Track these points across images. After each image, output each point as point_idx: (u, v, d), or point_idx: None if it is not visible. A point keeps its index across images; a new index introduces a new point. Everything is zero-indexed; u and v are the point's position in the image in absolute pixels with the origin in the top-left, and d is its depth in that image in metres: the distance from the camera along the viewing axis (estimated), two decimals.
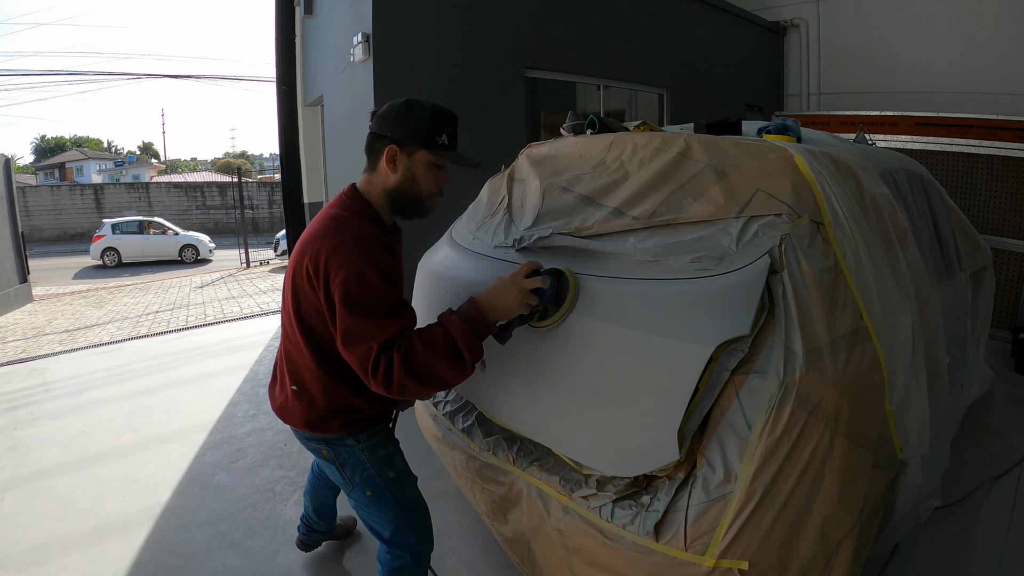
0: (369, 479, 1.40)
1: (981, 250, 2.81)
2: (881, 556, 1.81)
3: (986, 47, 5.71)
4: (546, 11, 4.49)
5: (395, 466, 1.44)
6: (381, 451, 1.42)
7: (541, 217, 1.75)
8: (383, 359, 1.13)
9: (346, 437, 1.37)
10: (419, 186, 1.31)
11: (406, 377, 1.13)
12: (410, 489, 1.48)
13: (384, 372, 1.13)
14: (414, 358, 1.14)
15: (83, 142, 43.37)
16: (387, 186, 1.31)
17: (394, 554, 1.45)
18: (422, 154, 1.28)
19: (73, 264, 14.98)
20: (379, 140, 1.30)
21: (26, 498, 2.46)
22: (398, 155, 1.28)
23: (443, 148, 1.29)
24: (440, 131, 1.28)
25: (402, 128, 1.27)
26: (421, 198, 1.33)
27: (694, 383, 1.16)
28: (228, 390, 3.69)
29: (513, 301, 1.25)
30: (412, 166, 1.29)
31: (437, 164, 1.31)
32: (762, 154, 1.45)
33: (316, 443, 1.40)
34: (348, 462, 1.40)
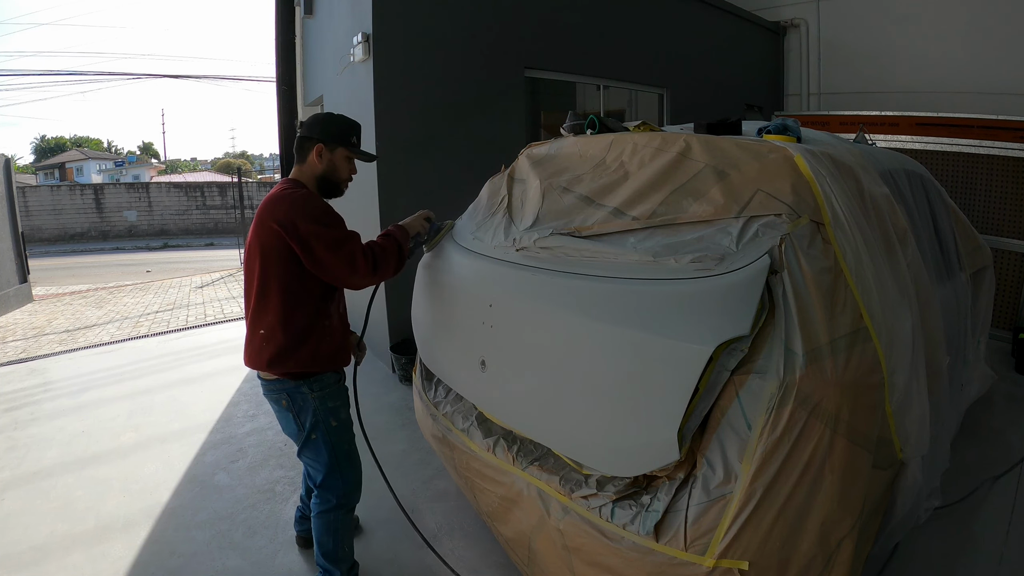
0: (315, 424, 1.69)
1: (981, 250, 2.81)
2: (881, 556, 1.81)
3: (986, 47, 5.71)
4: (546, 11, 4.49)
5: (339, 417, 1.73)
6: (330, 402, 1.70)
7: (541, 217, 1.75)
8: (368, 253, 1.62)
9: (303, 384, 1.66)
10: (338, 174, 1.75)
11: (380, 262, 1.64)
12: (347, 441, 1.76)
13: (371, 260, 1.62)
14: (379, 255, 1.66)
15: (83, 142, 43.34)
16: (315, 174, 1.72)
17: (323, 497, 1.73)
18: (341, 150, 1.72)
19: (73, 264, 14.98)
20: (308, 141, 1.71)
21: (26, 498, 2.46)
22: (323, 151, 1.70)
23: (354, 146, 1.75)
24: (352, 135, 1.74)
25: (326, 132, 1.71)
26: (339, 182, 1.77)
27: (694, 383, 1.16)
28: (228, 390, 3.69)
29: (418, 224, 1.92)
30: (334, 159, 1.72)
31: (350, 158, 1.76)
32: (762, 154, 1.45)
33: (277, 392, 1.68)
34: (302, 409, 1.68)
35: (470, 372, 1.74)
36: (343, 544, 1.76)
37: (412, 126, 3.77)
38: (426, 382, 2.15)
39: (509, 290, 1.65)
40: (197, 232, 21.55)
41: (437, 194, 3.80)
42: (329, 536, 1.73)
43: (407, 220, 1.90)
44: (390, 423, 3.08)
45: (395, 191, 3.74)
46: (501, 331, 1.63)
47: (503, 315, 1.63)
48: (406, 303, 2.37)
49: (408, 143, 3.79)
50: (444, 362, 2.01)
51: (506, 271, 1.70)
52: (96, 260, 15.42)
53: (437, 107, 3.91)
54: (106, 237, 20.64)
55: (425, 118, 3.86)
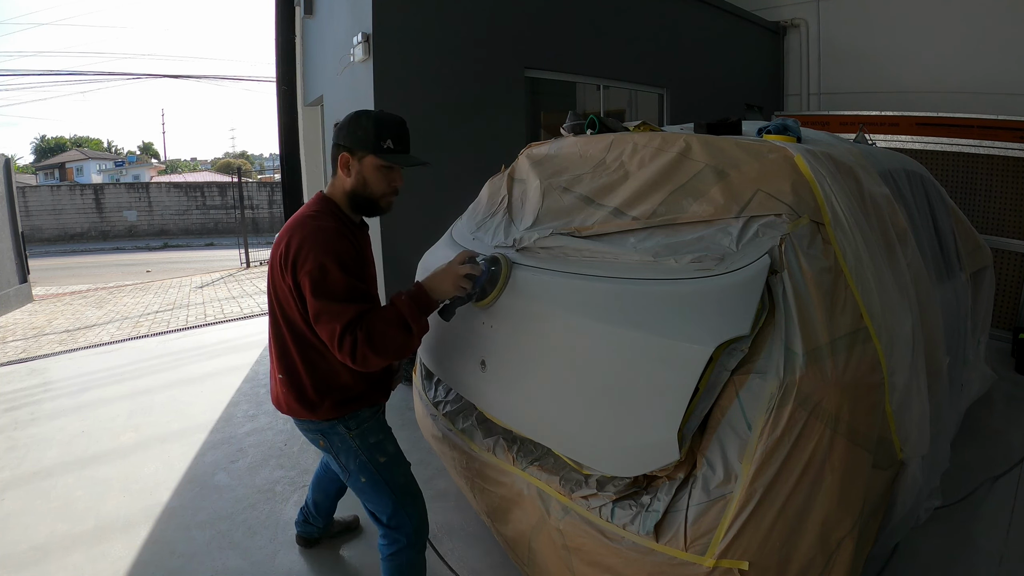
0: (362, 466, 1.49)
1: (981, 250, 2.81)
2: (881, 556, 1.81)
3: (986, 47, 5.71)
4: (546, 11, 4.49)
5: (386, 452, 1.53)
6: (371, 438, 1.51)
7: (541, 217, 1.75)
8: (348, 336, 1.29)
9: (338, 424, 1.47)
10: (370, 188, 1.44)
11: (367, 350, 1.29)
12: (402, 474, 1.56)
13: (350, 347, 1.29)
14: (373, 334, 1.30)
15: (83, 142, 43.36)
16: (345, 189, 1.45)
17: (391, 538, 1.52)
18: (370, 159, 1.41)
19: (73, 264, 14.98)
20: (336, 149, 1.45)
21: (26, 498, 2.46)
22: (350, 161, 1.42)
23: (388, 152, 1.41)
24: (384, 136, 1.40)
25: (351, 137, 1.41)
26: (374, 198, 1.46)
27: (694, 383, 1.16)
28: (228, 390, 3.69)
29: (449, 285, 1.44)
30: (362, 170, 1.42)
31: (385, 167, 1.43)
32: (762, 154, 1.45)
33: (313, 432, 1.50)
34: (342, 450, 1.49)
35: (470, 372, 1.74)
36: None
37: (412, 126, 3.74)
38: (426, 382, 2.15)
39: (509, 290, 1.64)
40: (197, 232, 21.55)
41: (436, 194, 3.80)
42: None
43: (433, 278, 1.44)
44: (390, 423, 3.07)
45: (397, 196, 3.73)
46: (501, 331, 1.62)
47: (503, 315, 1.63)
48: None
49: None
50: (444, 362, 2.00)
51: None
52: (96, 260, 15.42)
53: (437, 107, 3.91)
54: (106, 237, 20.65)
55: (425, 118, 3.85)
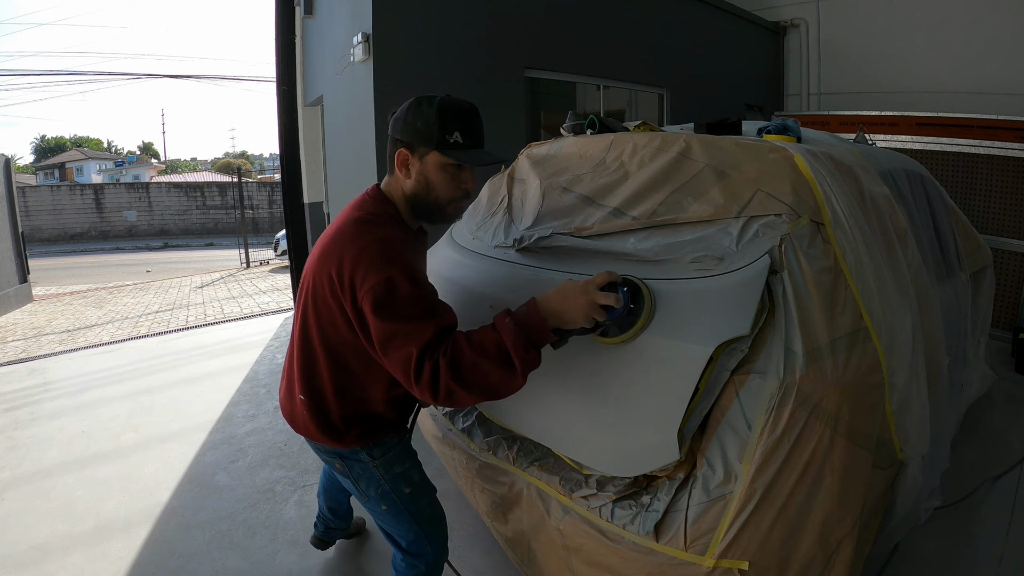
0: (384, 495, 1.35)
1: (981, 250, 2.81)
2: (881, 556, 1.81)
3: (986, 47, 5.71)
4: (546, 11, 4.49)
5: (411, 482, 1.38)
6: (397, 467, 1.35)
7: (541, 217, 1.75)
8: (427, 363, 1.04)
9: (361, 452, 1.30)
10: (435, 191, 1.21)
11: (452, 383, 1.04)
12: (427, 503, 1.43)
13: (429, 377, 1.04)
14: (461, 362, 1.04)
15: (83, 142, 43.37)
16: (404, 192, 1.23)
17: (409, 563, 1.42)
18: (433, 156, 1.18)
19: (73, 264, 14.98)
20: (392, 144, 1.22)
21: (26, 498, 2.46)
22: (409, 159, 1.20)
23: (456, 147, 1.17)
24: (450, 128, 1.16)
25: (410, 129, 1.18)
26: (440, 204, 1.23)
27: (694, 383, 1.16)
28: (228, 390, 3.69)
29: (579, 312, 1.09)
30: (424, 170, 1.19)
31: (453, 165, 1.19)
32: (762, 154, 1.45)
33: (330, 456, 1.35)
34: (363, 477, 1.34)
35: None
36: None
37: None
38: None
39: (509, 290, 1.64)
40: (197, 232, 21.57)
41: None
42: None
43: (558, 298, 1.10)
44: None
45: None
46: None
47: None
48: None
49: None
50: None
51: (506, 271, 1.70)
52: (96, 260, 15.42)
53: None
54: (106, 237, 20.66)
55: None
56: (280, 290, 7.92)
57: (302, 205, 6.25)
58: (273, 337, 5.01)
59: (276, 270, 10.74)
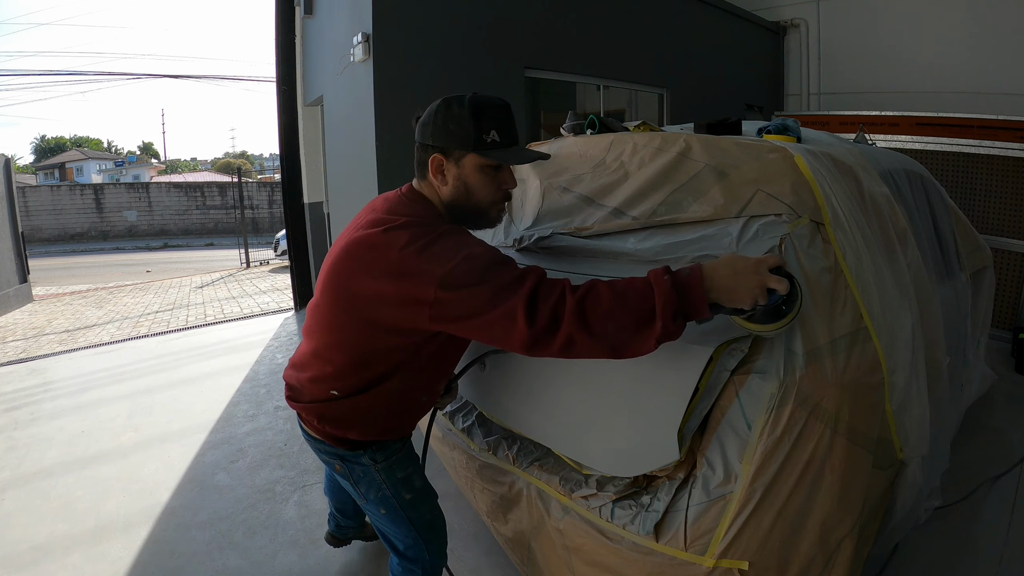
0: (384, 499, 1.31)
1: (981, 250, 2.81)
2: (881, 556, 1.81)
3: (986, 47, 5.71)
4: (546, 11, 4.49)
5: (413, 488, 1.35)
6: (399, 472, 1.32)
7: (541, 217, 1.75)
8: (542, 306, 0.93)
9: (363, 455, 1.27)
10: (476, 196, 1.15)
11: (577, 326, 0.93)
12: (428, 509, 1.40)
13: (547, 320, 0.93)
14: (595, 308, 0.93)
15: (83, 142, 43.37)
16: (442, 199, 1.17)
17: (406, 567, 1.40)
18: (471, 158, 1.12)
19: (73, 264, 14.98)
20: (423, 150, 1.16)
21: (26, 498, 2.46)
22: (445, 164, 1.14)
23: (494, 147, 1.11)
24: (486, 127, 1.10)
25: (443, 132, 1.12)
26: (482, 208, 1.17)
27: (694, 383, 1.16)
28: (228, 390, 3.69)
29: (748, 292, 0.97)
30: (463, 174, 1.13)
31: (492, 166, 1.14)
32: (762, 154, 1.45)
33: (331, 457, 1.31)
34: (363, 480, 1.30)
35: (470, 372, 1.74)
36: None
37: (412, 126, 3.77)
38: None
39: None
40: (197, 232, 21.57)
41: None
42: None
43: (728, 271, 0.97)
44: None
45: None
46: None
47: None
48: None
49: (409, 143, 3.76)
50: None
51: None
52: (96, 260, 15.42)
53: None
54: (106, 237, 20.66)
55: None
56: (280, 290, 7.92)
57: (302, 205, 6.26)
58: (273, 337, 5.00)
59: (276, 270, 10.74)
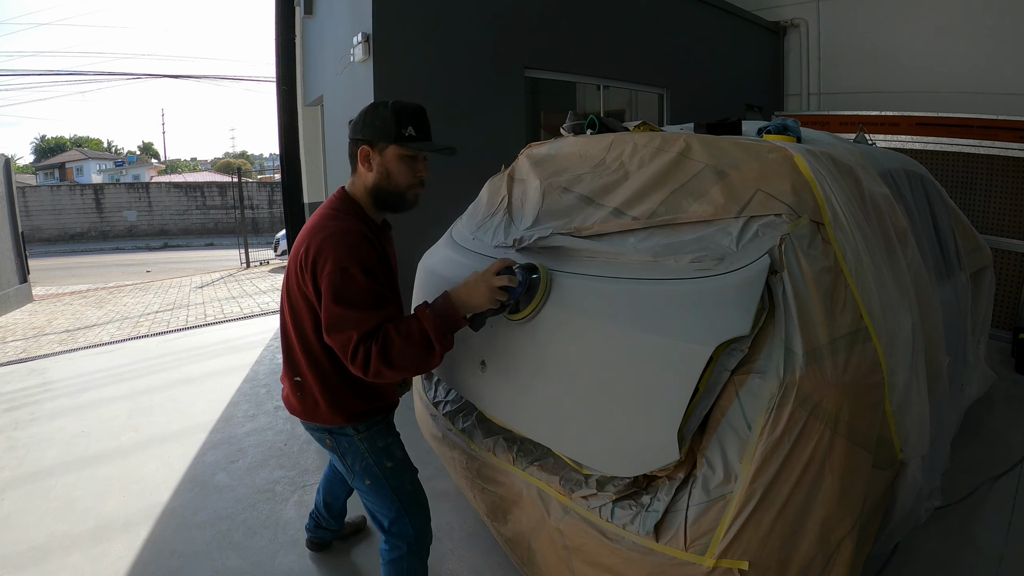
0: (367, 468, 1.47)
1: (981, 250, 2.81)
2: (881, 556, 1.81)
3: (986, 47, 5.71)
4: (546, 11, 4.49)
5: (393, 457, 1.51)
6: (379, 441, 1.49)
7: (541, 217, 1.75)
8: (362, 347, 1.23)
9: (347, 427, 1.45)
10: (395, 180, 1.38)
11: (382, 365, 1.23)
12: (409, 480, 1.54)
13: (363, 359, 1.23)
14: (391, 349, 1.24)
15: (83, 142, 43.36)
16: (367, 185, 1.39)
17: (392, 544, 1.52)
18: (392, 149, 1.35)
19: (73, 264, 14.98)
20: (354, 144, 1.39)
21: (26, 498, 2.46)
22: (371, 154, 1.36)
23: (411, 140, 1.35)
24: (404, 124, 1.34)
25: (369, 128, 1.35)
26: (400, 191, 1.39)
27: (694, 383, 1.16)
28: (228, 390, 3.69)
29: (482, 297, 1.33)
30: (384, 162, 1.36)
31: (409, 156, 1.37)
32: (762, 154, 1.45)
33: (320, 432, 1.48)
34: (348, 451, 1.47)
35: (470, 372, 1.74)
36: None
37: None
38: (426, 382, 2.15)
39: None
40: (197, 232, 21.56)
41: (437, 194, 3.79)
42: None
43: (465, 290, 1.33)
44: None
45: None
46: (501, 331, 1.62)
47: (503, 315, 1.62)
48: (406, 303, 2.37)
49: None
50: (444, 362, 2.00)
51: None
52: (96, 260, 15.41)
53: (437, 107, 3.91)
54: (106, 237, 20.65)
55: None
56: (280, 290, 7.92)
57: (302, 205, 6.26)
58: (273, 337, 5.00)
59: (276, 270, 10.74)
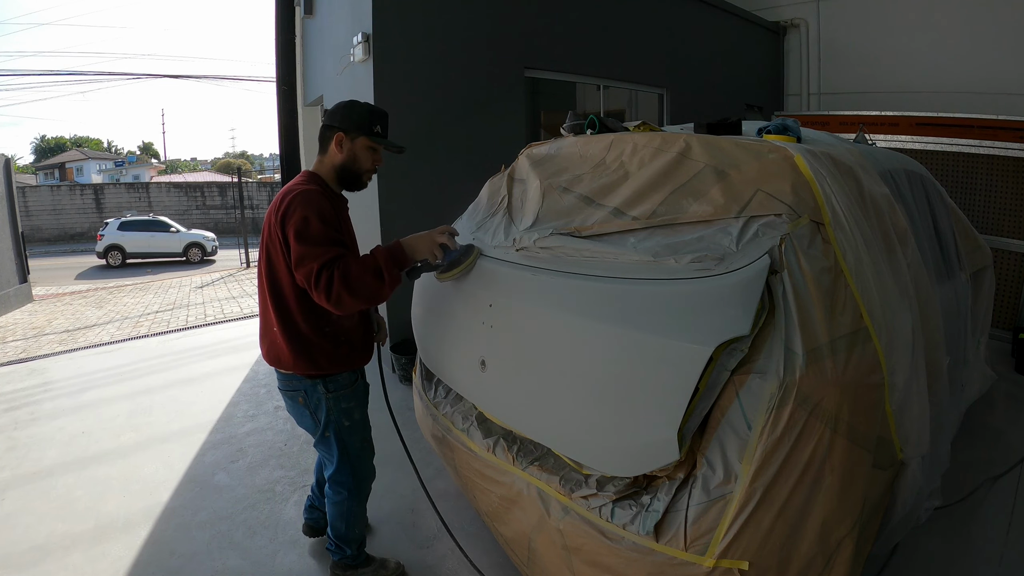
0: (328, 422, 1.72)
1: (981, 250, 2.81)
2: (881, 556, 1.81)
3: (986, 47, 5.71)
4: (546, 11, 4.49)
5: (352, 418, 1.75)
6: (344, 403, 1.72)
7: (541, 217, 1.75)
8: (324, 273, 1.47)
9: (319, 383, 1.67)
10: (359, 163, 1.68)
11: (342, 287, 1.46)
12: (359, 439, 1.80)
13: (326, 283, 1.46)
14: (349, 274, 1.48)
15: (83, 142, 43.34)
16: (335, 164, 1.67)
17: (335, 489, 1.80)
18: (362, 139, 1.66)
19: (74, 264, 14.98)
20: (329, 130, 1.67)
21: (26, 498, 2.46)
22: (344, 140, 1.65)
23: (378, 136, 1.67)
24: (375, 123, 1.66)
25: (347, 120, 1.65)
26: (360, 173, 1.70)
27: (694, 383, 1.16)
28: (228, 390, 3.69)
29: (424, 247, 1.66)
30: (354, 148, 1.66)
31: (372, 147, 1.69)
32: (762, 154, 1.45)
33: (294, 389, 1.70)
34: (317, 407, 1.70)
35: (470, 372, 1.74)
36: (354, 528, 1.85)
37: (412, 126, 3.77)
38: (426, 382, 2.15)
39: (509, 290, 1.64)
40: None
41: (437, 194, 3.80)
42: (342, 522, 1.83)
43: (413, 238, 1.66)
44: (390, 423, 3.08)
45: (395, 191, 3.74)
46: (501, 331, 1.62)
47: (503, 315, 1.63)
48: (406, 303, 2.37)
49: (408, 143, 3.77)
50: (444, 362, 2.00)
51: (506, 271, 1.70)
52: (96, 260, 15.41)
53: (437, 107, 3.91)
54: None
55: (425, 118, 3.86)
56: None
57: None
58: None
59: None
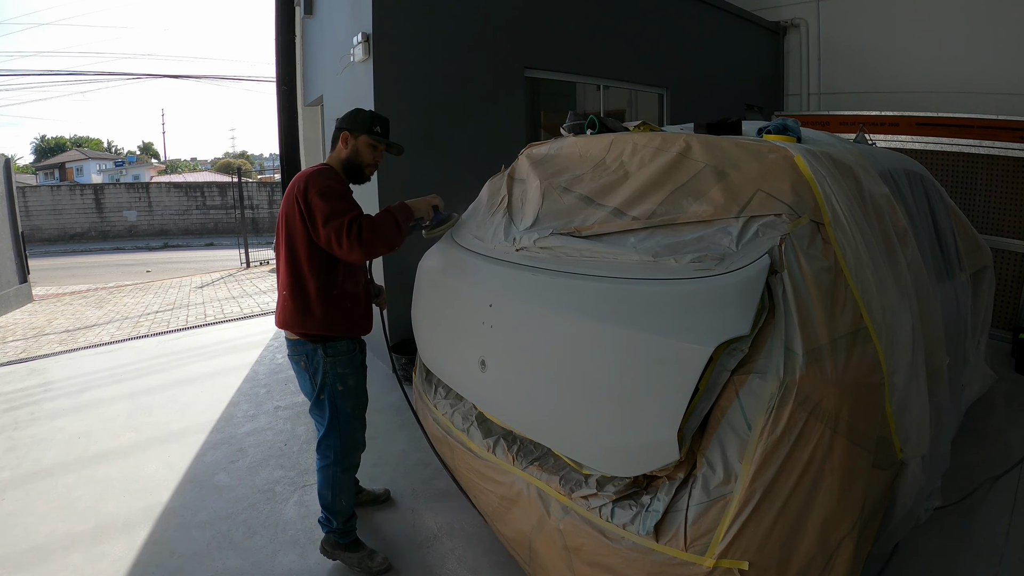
0: (324, 385, 1.87)
1: (981, 250, 2.81)
2: (881, 556, 1.81)
3: (986, 47, 5.71)
4: (546, 11, 4.49)
5: (346, 384, 1.91)
6: (340, 368, 1.88)
7: (541, 217, 1.75)
8: (355, 224, 1.71)
9: (320, 347, 1.85)
10: (361, 157, 1.95)
11: (372, 233, 1.72)
12: (351, 406, 1.94)
13: (357, 232, 1.70)
14: (376, 224, 1.75)
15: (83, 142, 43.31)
16: (342, 158, 1.95)
17: (322, 453, 1.93)
18: (364, 137, 1.93)
19: (74, 264, 14.98)
20: (338, 130, 1.97)
21: (26, 498, 2.46)
22: (348, 137, 1.94)
23: (377, 135, 1.94)
24: (375, 125, 1.95)
25: (352, 122, 1.95)
26: (362, 166, 1.96)
27: (694, 383, 1.16)
28: (228, 390, 3.69)
29: (423, 207, 1.98)
30: (358, 144, 1.94)
31: (372, 144, 1.95)
32: (762, 154, 1.45)
33: (299, 354, 1.88)
34: (317, 370, 1.87)
35: (470, 372, 1.74)
36: (340, 498, 1.93)
37: (412, 126, 3.77)
38: (426, 382, 2.15)
39: (509, 290, 1.65)
40: (197, 232, 21.53)
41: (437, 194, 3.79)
42: (328, 490, 1.92)
43: (414, 201, 1.98)
44: (390, 423, 3.08)
45: (395, 191, 3.74)
46: (501, 331, 1.63)
47: (503, 315, 1.63)
48: (406, 303, 2.37)
49: (408, 143, 3.77)
50: (444, 362, 2.01)
51: (506, 271, 1.70)
52: (96, 260, 15.40)
53: (437, 107, 3.91)
54: (106, 237, 20.63)
55: (425, 118, 3.85)
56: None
57: None
58: (273, 337, 5.00)
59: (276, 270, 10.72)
